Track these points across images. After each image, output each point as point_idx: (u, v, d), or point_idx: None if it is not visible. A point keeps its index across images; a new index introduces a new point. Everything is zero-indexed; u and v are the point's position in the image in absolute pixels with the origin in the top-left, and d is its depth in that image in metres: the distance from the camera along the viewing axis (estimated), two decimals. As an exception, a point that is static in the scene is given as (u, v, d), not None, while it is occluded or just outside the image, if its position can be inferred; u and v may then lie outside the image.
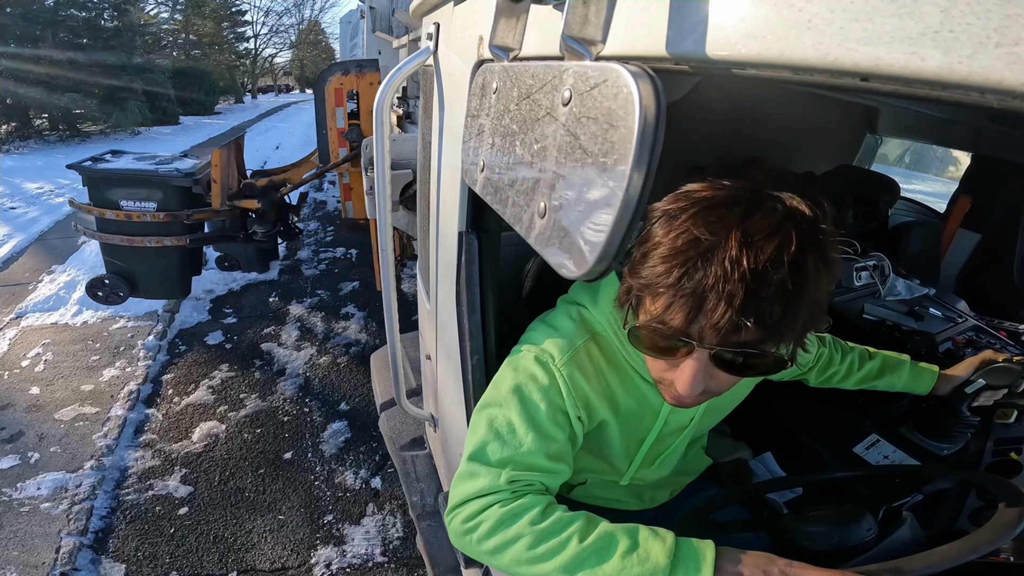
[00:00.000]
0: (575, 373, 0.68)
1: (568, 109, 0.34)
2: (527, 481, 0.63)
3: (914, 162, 5.28)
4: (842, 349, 1.00)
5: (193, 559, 1.95)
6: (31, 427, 2.56)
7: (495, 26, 0.46)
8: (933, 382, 1.00)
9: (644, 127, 0.27)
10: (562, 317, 0.73)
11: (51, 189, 6.84)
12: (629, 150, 0.28)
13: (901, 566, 0.55)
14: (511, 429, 0.65)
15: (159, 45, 18.31)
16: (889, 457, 1.06)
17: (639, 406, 0.74)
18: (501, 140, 0.44)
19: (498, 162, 0.45)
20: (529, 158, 0.39)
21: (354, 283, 4.23)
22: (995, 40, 0.20)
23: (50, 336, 3.33)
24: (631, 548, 0.55)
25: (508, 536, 0.59)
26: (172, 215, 2.60)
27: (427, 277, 1.22)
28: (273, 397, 2.86)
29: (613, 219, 0.30)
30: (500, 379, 0.70)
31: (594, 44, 0.36)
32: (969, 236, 1.82)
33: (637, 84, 0.28)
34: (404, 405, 1.23)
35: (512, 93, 0.43)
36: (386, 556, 1.98)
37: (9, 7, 10.11)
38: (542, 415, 0.65)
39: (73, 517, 2.07)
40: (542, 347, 0.69)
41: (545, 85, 0.38)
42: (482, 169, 0.48)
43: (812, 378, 0.99)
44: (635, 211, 0.29)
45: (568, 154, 0.34)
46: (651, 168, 0.28)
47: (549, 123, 0.37)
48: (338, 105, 2.67)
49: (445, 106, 0.88)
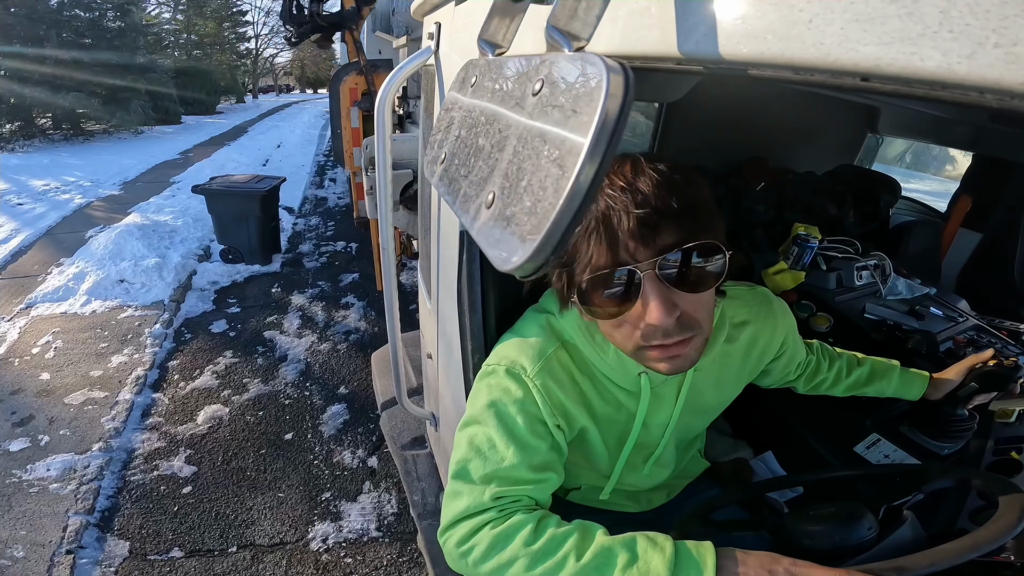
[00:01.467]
0: (548, 382, 0.67)
1: (536, 99, 0.33)
2: (514, 497, 0.63)
3: (914, 161, 5.28)
4: (830, 356, 0.99)
5: (195, 535, 2.00)
6: (41, 411, 2.61)
7: (487, 21, 0.45)
8: (924, 387, 0.99)
9: (605, 118, 0.26)
10: (531, 326, 0.73)
11: (57, 186, 6.88)
12: (585, 138, 0.27)
13: (904, 565, 0.55)
14: (491, 445, 0.64)
15: (161, 45, 18.33)
16: (890, 456, 1.06)
17: (615, 411, 0.73)
18: (467, 132, 0.43)
19: (459, 154, 0.43)
20: (489, 148, 0.38)
21: (354, 275, 4.30)
22: (994, 40, 0.20)
23: (59, 325, 3.39)
24: (630, 561, 0.54)
25: (504, 559, 0.58)
26: None
27: (428, 276, 1.22)
28: (275, 382, 2.93)
29: (557, 208, 0.27)
30: (475, 395, 0.70)
31: (577, 39, 0.35)
32: (970, 236, 1.82)
33: (608, 75, 0.27)
34: (405, 404, 1.24)
35: (486, 85, 0.42)
36: (380, 531, 2.03)
37: (14, 7, 10.14)
38: (520, 428, 0.65)
39: (80, 497, 2.12)
40: (513, 359, 0.69)
41: (521, 77, 0.37)
42: (442, 161, 0.46)
43: (800, 386, 0.99)
44: (582, 203, 0.27)
45: (527, 143, 0.33)
46: (604, 162, 0.27)
47: (516, 112, 0.35)
48: (352, 105, 2.66)
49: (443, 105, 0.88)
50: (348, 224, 5.44)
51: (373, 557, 1.93)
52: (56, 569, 1.83)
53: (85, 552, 1.91)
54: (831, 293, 1.43)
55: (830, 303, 1.40)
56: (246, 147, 10.31)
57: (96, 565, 1.87)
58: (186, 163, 8.68)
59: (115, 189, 6.84)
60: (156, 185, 6.99)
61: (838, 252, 1.50)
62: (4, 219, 5.43)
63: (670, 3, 0.34)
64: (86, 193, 6.51)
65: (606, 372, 0.70)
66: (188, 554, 1.92)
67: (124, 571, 1.86)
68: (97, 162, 8.58)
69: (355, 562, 1.91)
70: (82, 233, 4.93)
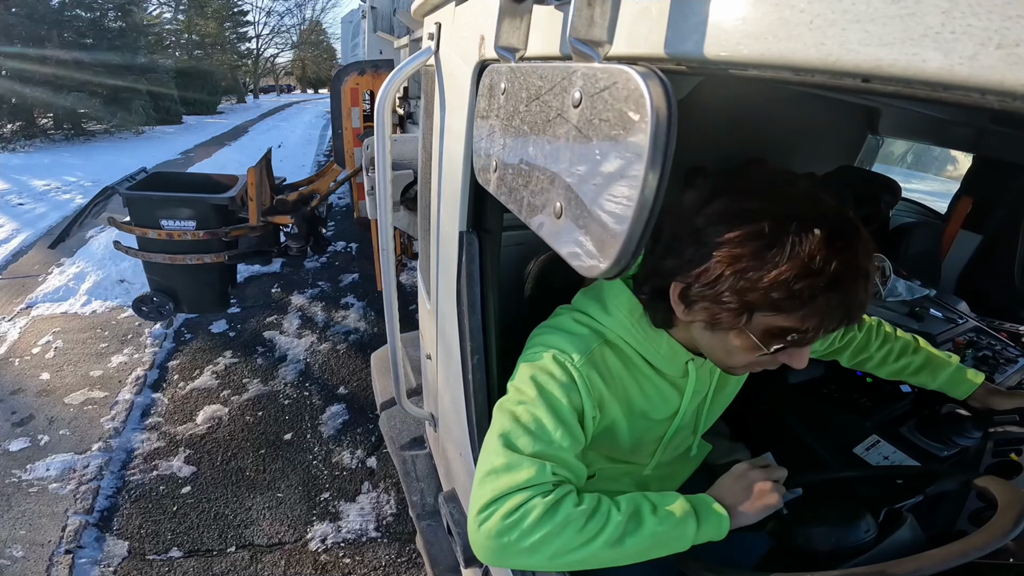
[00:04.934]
0: (592, 373, 0.69)
1: (579, 111, 0.35)
2: (563, 477, 0.63)
3: (915, 162, 5.27)
4: (883, 337, 1.00)
5: (194, 535, 2.00)
6: (41, 411, 2.61)
7: (499, 27, 0.46)
8: (971, 391, 0.98)
9: (657, 128, 0.28)
10: (570, 323, 0.74)
11: (58, 186, 6.89)
12: (643, 151, 0.28)
13: (887, 570, 0.56)
14: (540, 425, 0.64)
15: (162, 45, 18.34)
16: (889, 458, 1.06)
17: (653, 406, 0.76)
18: (513, 141, 0.44)
19: (511, 163, 0.45)
20: (543, 159, 0.39)
21: (354, 275, 4.31)
22: (996, 41, 0.20)
23: (60, 325, 3.39)
24: (654, 507, 0.62)
25: (557, 523, 0.58)
26: (211, 233, 2.63)
27: (428, 277, 1.22)
28: (275, 382, 2.94)
29: (630, 220, 0.30)
30: (520, 377, 0.69)
31: (601, 45, 0.36)
32: (970, 237, 1.82)
33: (647, 85, 0.28)
34: (404, 405, 1.23)
35: (521, 94, 0.43)
36: (379, 531, 2.04)
37: (15, 7, 10.14)
38: (565, 412, 0.66)
39: (80, 497, 2.12)
40: (561, 347, 0.70)
41: (554, 87, 0.38)
42: (495, 169, 0.49)
43: (844, 359, 1.02)
44: (651, 211, 0.30)
45: (582, 155, 0.34)
46: (665, 168, 0.28)
47: (561, 124, 0.37)
48: (354, 105, 2.66)
49: (447, 106, 0.88)
50: (348, 224, 5.45)
51: (372, 557, 1.92)
52: (55, 569, 1.83)
53: (84, 552, 1.91)
54: (831, 294, 1.43)
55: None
56: (247, 147, 10.32)
57: (95, 565, 1.87)
58: (187, 163, 8.70)
59: (116, 189, 6.85)
60: (157, 185, 7.00)
61: (838, 253, 1.50)
62: (5, 219, 5.43)
63: (669, 4, 0.34)
64: (87, 193, 6.50)
65: (655, 362, 0.73)
66: (187, 554, 1.92)
67: (123, 571, 1.86)
68: (98, 162, 8.59)
69: (354, 562, 1.91)
70: (83, 233, 4.93)
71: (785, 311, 0.56)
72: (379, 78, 2.62)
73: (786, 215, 0.55)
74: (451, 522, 1.03)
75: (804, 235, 0.53)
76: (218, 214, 2.64)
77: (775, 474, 0.69)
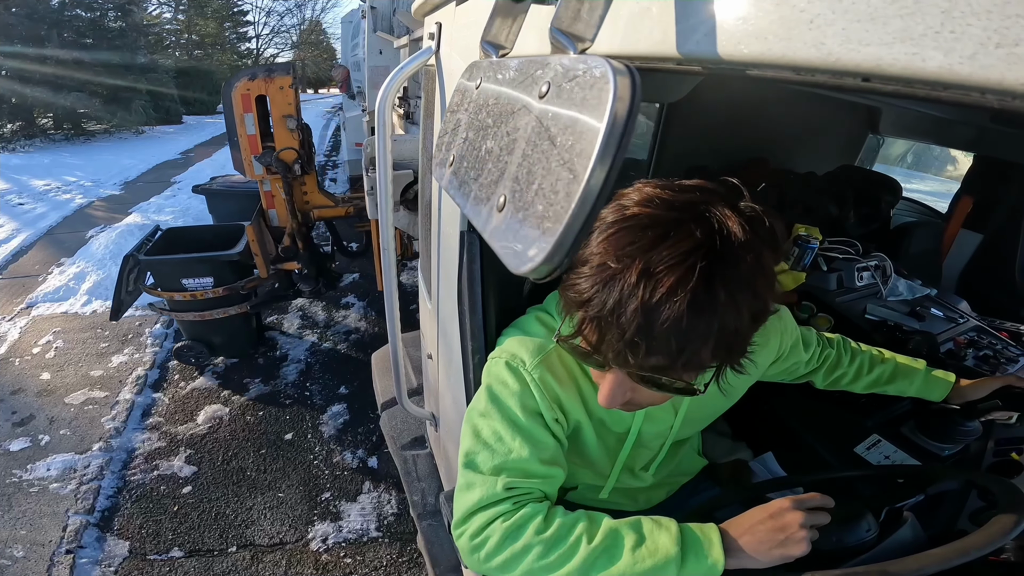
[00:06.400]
0: (546, 375, 0.68)
1: (544, 101, 0.33)
2: (525, 489, 0.63)
3: (915, 162, 5.27)
4: (851, 351, 0.98)
5: (195, 535, 2.00)
6: (42, 411, 2.62)
7: (490, 23, 0.45)
8: (947, 391, 0.97)
9: (615, 121, 0.26)
10: (533, 324, 0.74)
11: (58, 186, 6.89)
12: (595, 142, 0.27)
13: (888, 569, 0.55)
14: (497, 437, 0.65)
15: (162, 45, 18.33)
16: (890, 457, 1.06)
17: (610, 415, 0.73)
18: (475, 135, 0.42)
19: (467, 156, 0.43)
20: (498, 151, 0.37)
21: (354, 275, 4.31)
22: (996, 40, 0.20)
23: (60, 325, 3.40)
24: (639, 542, 0.56)
25: (517, 549, 0.58)
26: (229, 289, 2.75)
27: (428, 277, 1.22)
28: (276, 382, 2.94)
29: (569, 213, 0.28)
30: (481, 388, 0.71)
31: (581, 40, 0.35)
32: (971, 237, 1.82)
33: (615, 77, 0.27)
34: (405, 404, 1.24)
35: (491, 87, 0.42)
36: (380, 531, 2.04)
37: (15, 7, 10.14)
38: (521, 420, 0.65)
39: (81, 497, 2.12)
40: (513, 352, 0.69)
41: (526, 79, 0.36)
42: (451, 163, 0.46)
43: (819, 380, 0.99)
44: (592, 207, 0.27)
45: (535, 146, 0.32)
46: (615, 164, 0.27)
47: (523, 115, 0.35)
48: (246, 111, 2.53)
49: (447, 106, 0.88)
50: (348, 224, 5.43)
51: (373, 557, 1.93)
52: (56, 569, 1.83)
53: (85, 552, 1.91)
54: (832, 294, 1.43)
55: (831, 304, 1.40)
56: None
57: (96, 565, 1.87)
58: (187, 163, 8.69)
59: (116, 189, 6.85)
60: (157, 185, 7.00)
61: (839, 253, 1.50)
62: (5, 219, 5.44)
63: (671, 3, 0.34)
64: (87, 193, 6.52)
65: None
66: (188, 554, 1.92)
67: (124, 571, 1.86)
68: (98, 162, 8.59)
69: (355, 562, 1.91)
70: (83, 233, 4.95)
71: (570, 301, 0.53)
72: (271, 83, 2.50)
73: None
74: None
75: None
76: (232, 268, 2.77)
77: (818, 519, 0.58)
